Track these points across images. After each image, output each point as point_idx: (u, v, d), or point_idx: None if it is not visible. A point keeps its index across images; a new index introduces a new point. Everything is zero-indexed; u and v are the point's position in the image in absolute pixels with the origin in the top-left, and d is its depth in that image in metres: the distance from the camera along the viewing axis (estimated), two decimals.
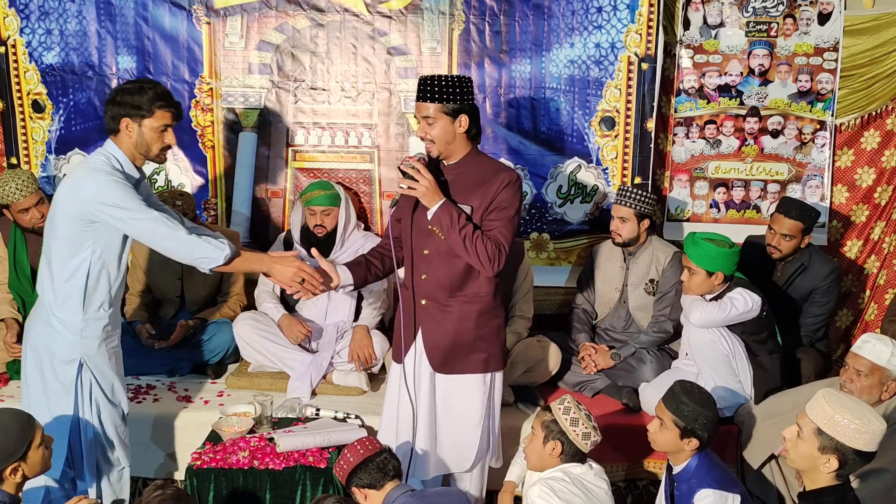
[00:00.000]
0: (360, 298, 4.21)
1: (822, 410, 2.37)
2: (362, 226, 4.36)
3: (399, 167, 2.93)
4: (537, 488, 2.82)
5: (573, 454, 2.83)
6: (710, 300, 3.63)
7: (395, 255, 3.09)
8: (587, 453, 2.90)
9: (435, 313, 3.03)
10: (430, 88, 2.89)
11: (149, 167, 4.52)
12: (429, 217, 2.91)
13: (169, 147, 3.01)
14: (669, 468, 2.94)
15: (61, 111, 4.51)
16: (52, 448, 2.66)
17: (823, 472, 2.38)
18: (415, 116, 2.99)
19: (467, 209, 2.92)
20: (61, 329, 2.97)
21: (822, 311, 4.13)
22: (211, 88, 4.46)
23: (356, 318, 4.18)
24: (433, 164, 2.99)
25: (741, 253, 3.66)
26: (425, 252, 3.00)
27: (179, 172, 4.54)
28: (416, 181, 2.87)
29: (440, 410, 3.10)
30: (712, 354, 3.59)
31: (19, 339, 4.05)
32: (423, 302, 3.04)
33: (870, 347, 3.09)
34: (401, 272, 3.16)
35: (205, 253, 2.88)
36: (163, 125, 2.94)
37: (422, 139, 2.95)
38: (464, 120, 2.92)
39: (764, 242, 4.12)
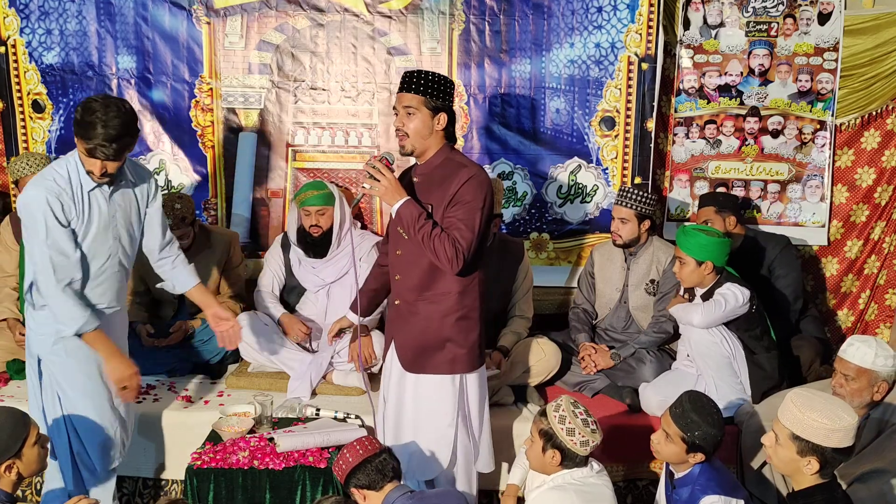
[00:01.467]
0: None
1: (793, 415, 2.37)
2: (359, 224, 4.37)
3: (364, 167, 2.95)
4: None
5: (574, 460, 2.82)
6: (702, 298, 3.63)
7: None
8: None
9: (405, 313, 3.06)
10: (415, 81, 2.92)
11: (149, 166, 4.51)
12: (392, 215, 2.94)
13: (101, 174, 2.94)
14: (669, 471, 2.93)
15: (61, 111, 4.51)
16: (48, 447, 2.66)
17: (808, 474, 2.38)
18: (394, 108, 3.00)
19: (428, 208, 2.94)
20: (26, 323, 3.10)
21: (790, 281, 4.16)
22: (211, 88, 4.46)
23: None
24: (405, 173, 3.05)
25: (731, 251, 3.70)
26: (398, 252, 3.04)
27: (179, 172, 4.54)
28: (378, 181, 2.89)
29: (410, 410, 3.11)
30: (715, 356, 3.59)
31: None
32: (397, 302, 3.08)
33: (853, 351, 3.07)
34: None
35: (61, 319, 2.97)
36: (84, 150, 2.91)
37: (397, 129, 2.96)
38: (442, 118, 2.94)
39: (766, 233, 4.29)
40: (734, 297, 3.54)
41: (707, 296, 3.62)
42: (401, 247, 3.02)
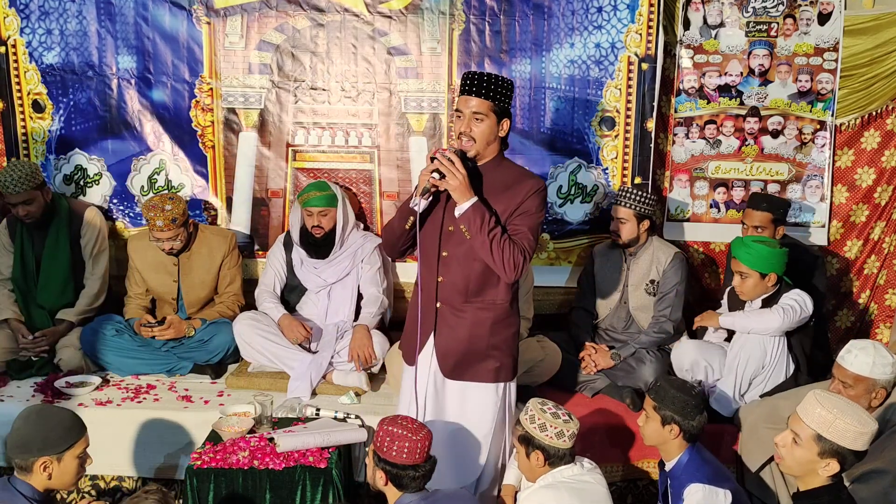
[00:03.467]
0: (359, 298, 4.21)
1: (821, 416, 2.34)
2: (361, 225, 4.37)
3: (431, 156, 2.82)
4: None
5: (558, 456, 2.81)
6: (763, 305, 3.64)
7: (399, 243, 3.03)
8: (575, 449, 2.86)
9: (449, 318, 2.98)
10: (485, 85, 2.84)
11: (149, 166, 4.53)
12: (457, 213, 2.82)
13: None
14: (662, 465, 2.94)
15: (61, 111, 4.51)
16: (85, 468, 2.62)
17: (823, 476, 2.37)
18: (457, 111, 2.93)
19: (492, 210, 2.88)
20: None
21: (817, 298, 4.13)
22: (211, 88, 4.46)
23: (356, 318, 4.19)
24: (469, 164, 2.90)
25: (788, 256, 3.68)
26: (444, 254, 2.95)
27: (179, 172, 4.54)
28: (452, 173, 2.77)
29: (451, 417, 3.05)
30: (756, 360, 3.61)
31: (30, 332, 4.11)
32: (439, 305, 2.99)
33: (852, 358, 3.05)
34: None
35: None
36: None
37: (461, 134, 2.88)
38: (506, 123, 2.91)
39: (801, 244, 4.24)
40: (805, 304, 3.56)
41: (768, 303, 3.62)
42: (448, 249, 2.94)
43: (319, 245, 4.11)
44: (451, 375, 3.01)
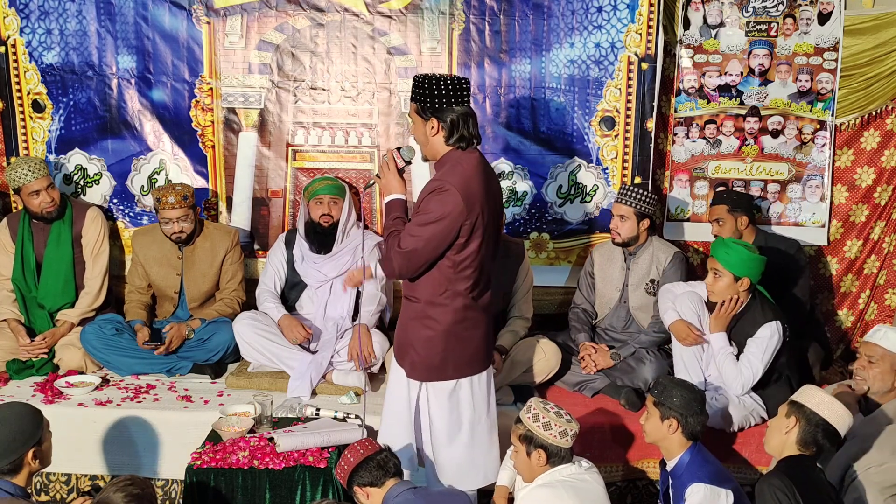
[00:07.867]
0: (358, 294, 4.21)
1: (803, 389, 2.68)
2: (361, 224, 4.36)
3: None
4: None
5: (559, 456, 2.82)
6: (736, 317, 3.61)
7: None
8: (573, 449, 2.87)
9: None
10: (413, 85, 2.87)
11: (149, 166, 4.53)
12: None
13: None
14: (664, 464, 2.95)
15: (61, 111, 4.51)
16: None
17: (783, 434, 2.64)
18: None
19: None
20: None
21: (799, 286, 4.18)
22: (211, 88, 4.46)
23: (355, 313, 4.19)
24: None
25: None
26: None
27: (179, 172, 4.54)
28: (383, 171, 2.99)
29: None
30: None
31: (30, 335, 4.11)
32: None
33: (880, 336, 3.18)
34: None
35: None
36: None
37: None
38: (434, 123, 2.83)
39: (791, 242, 4.31)
40: (774, 336, 3.52)
41: (740, 317, 3.60)
42: None
43: (326, 234, 4.12)
44: (396, 358, 3.12)
